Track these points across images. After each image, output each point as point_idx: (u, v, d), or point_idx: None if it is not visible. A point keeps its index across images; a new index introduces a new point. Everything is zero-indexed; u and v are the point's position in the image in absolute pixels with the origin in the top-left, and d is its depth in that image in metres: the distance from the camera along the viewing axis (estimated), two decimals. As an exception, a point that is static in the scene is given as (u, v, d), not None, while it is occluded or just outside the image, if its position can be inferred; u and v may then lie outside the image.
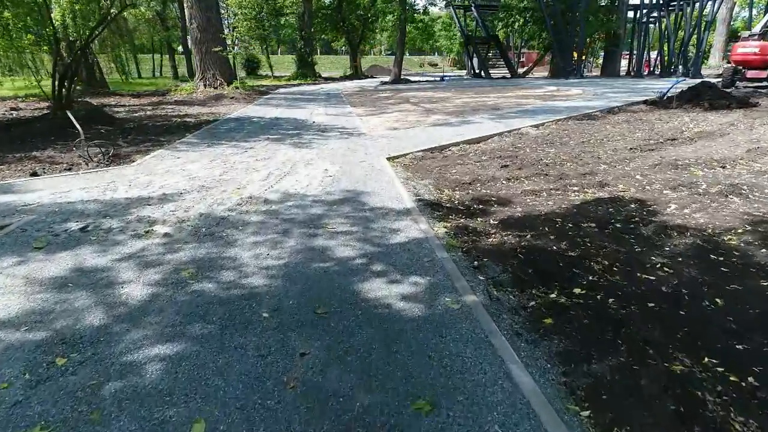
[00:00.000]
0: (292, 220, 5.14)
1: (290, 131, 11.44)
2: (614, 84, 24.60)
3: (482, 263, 4.15)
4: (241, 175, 7.12)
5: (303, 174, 7.15)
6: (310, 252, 4.30)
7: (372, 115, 14.84)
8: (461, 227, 5.07)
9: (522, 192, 6.37)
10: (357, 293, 3.54)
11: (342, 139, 10.26)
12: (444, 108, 16.46)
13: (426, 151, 9.17)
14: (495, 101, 18.24)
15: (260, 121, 13.21)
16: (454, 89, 24.65)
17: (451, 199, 6.16)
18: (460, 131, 11.11)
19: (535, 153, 8.73)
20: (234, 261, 4.11)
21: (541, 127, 11.87)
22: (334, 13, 37.36)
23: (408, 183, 6.82)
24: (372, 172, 7.32)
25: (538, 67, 36.35)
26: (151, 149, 9.22)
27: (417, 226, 4.98)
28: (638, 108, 14.88)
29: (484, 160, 8.17)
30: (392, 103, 18.48)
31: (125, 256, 4.19)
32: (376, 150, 9.05)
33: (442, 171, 7.57)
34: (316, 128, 11.93)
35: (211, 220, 5.11)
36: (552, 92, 21.44)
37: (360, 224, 5.04)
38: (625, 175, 7.08)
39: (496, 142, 10.13)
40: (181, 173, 7.19)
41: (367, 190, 6.34)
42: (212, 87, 21.91)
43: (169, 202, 5.73)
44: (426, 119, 13.72)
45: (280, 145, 9.61)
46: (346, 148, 9.19)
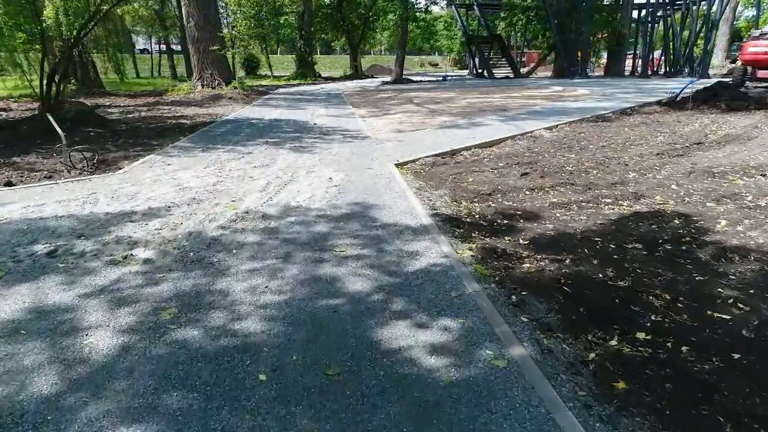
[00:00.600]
0: (294, 241, 4.44)
1: (290, 134, 10.73)
2: (621, 84, 23.90)
3: (521, 298, 3.45)
4: (237, 184, 6.41)
5: (305, 183, 6.44)
6: (316, 284, 3.60)
7: (375, 117, 14.14)
8: (489, 249, 4.37)
9: (549, 204, 5.67)
10: (376, 344, 2.84)
11: (345, 143, 9.55)
12: (449, 109, 15.75)
13: (436, 156, 8.47)
14: (501, 102, 17.54)
15: (259, 123, 12.49)
16: (457, 89, 23.93)
17: (471, 213, 5.46)
18: (469, 134, 10.41)
19: (554, 159, 8.03)
20: (225, 296, 3.40)
21: (555, 130, 11.17)
22: (334, 12, 36.59)
23: (421, 194, 6.12)
24: (380, 180, 6.62)
25: (541, 67, 35.64)
26: (141, 154, 8.50)
27: (438, 248, 4.28)
28: (652, 109, 14.19)
29: (501, 167, 7.47)
30: (395, 104, 17.77)
31: (96, 290, 3.48)
32: (383, 155, 8.35)
33: (457, 179, 6.87)
34: (318, 131, 11.22)
35: (200, 241, 4.40)
36: (558, 92, 20.74)
37: (372, 246, 4.33)
38: (659, 185, 6.38)
39: (510, 146, 9.43)
40: (171, 183, 6.47)
41: (376, 202, 5.63)
42: (210, 87, 21.17)
43: (155, 218, 5.02)
44: (432, 121, 13.02)
45: (280, 149, 8.90)
46: (351, 153, 8.48)
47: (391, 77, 30.17)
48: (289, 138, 10.16)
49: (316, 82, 32.38)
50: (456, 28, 48.49)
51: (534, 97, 19.30)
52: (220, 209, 5.33)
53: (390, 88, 25.74)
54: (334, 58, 54.92)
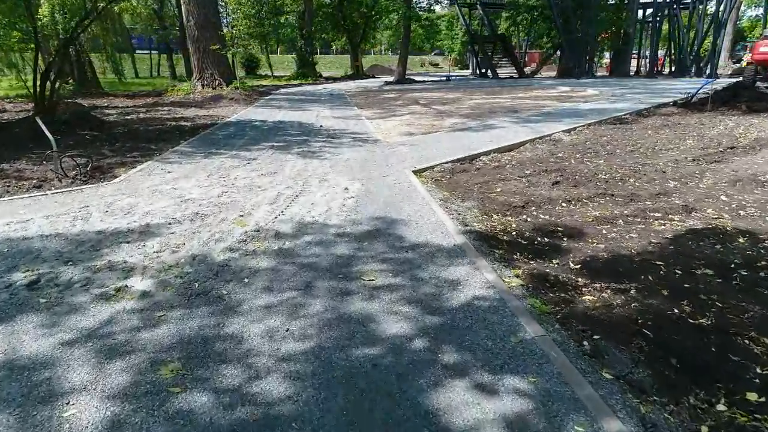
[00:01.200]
0: (313, 267, 3.83)
1: (297, 137, 10.11)
2: (629, 84, 23.32)
3: (595, 345, 2.85)
4: (244, 196, 5.78)
5: (319, 194, 5.82)
6: (346, 325, 2.99)
7: (382, 118, 13.52)
8: (538, 276, 3.76)
9: (592, 219, 5.07)
10: (434, 416, 2.23)
11: (356, 148, 8.93)
12: (458, 110, 15.15)
13: (455, 162, 7.86)
14: (510, 102, 16.94)
15: (263, 126, 11.86)
16: (462, 89, 23.33)
17: (506, 230, 4.85)
18: (485, 137, 9.81)
19: (583, 165, 7.44)
20: (239, 344, 2.79)
21: (574, 133, 10.58)
22: (335, 12, 35.90)
23: (447, 206, 5.50)
24: (400, 190, 6.01)
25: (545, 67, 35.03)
26: (139, 160, 7.87)
27: (480, 274, 3.67)
28: (669, 110, 13.60)
29: (528, 175, 6.86)
30: (401, 105, 17.15)
31: (82, 336, 2.86)
32: (398, 161, 7.74)
33: (483, 189, 6.26)
34: (325, 134, 10.60)
35: (206, 268, 3.78)
36: (567, 93, 20.15)
37: (404, 273, 3.72)
38: (706, 196, 5.79)
39: (530, 151, 8.83)
40: (171, 194, 5.85)
41: (400, 216, 5.02)
42: (210, 87, 20.51)
43: (154, 237, 4.39)
44: (442, 123, 12.41)
45: (288, 154, 8.28)
46: (363, 159, 7.86)
47: (394, 77, 29.54)
48: (296, 142, 9.53)
49: (318, 83, 31.73)
50: (457, 28, 47.91)
51: (542, 97, 18.71)
52: (227, 226, 4.71)
53: (393, 88, 25.12)
54: (334, 58, 54.22)
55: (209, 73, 20.76)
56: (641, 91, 19.67)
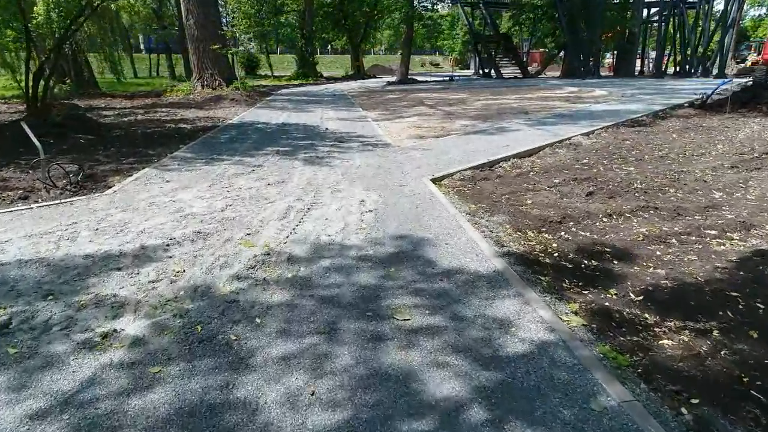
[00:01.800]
0: (335, 301, 3.24)
1: (302, 141, 9.51)
2: (637, 84, 22.77)
3: (699, 416, 2.27)
4: (250, 209, 5.19)
5: (333, 207, 5.24)
6: (384, 387, 2.40)
7: (389, 120, 12.94)
8: (599, 313, 3.19)
9: (641, 238, 4.49)
10: None
11: (366, 152, 8.35)
12: (466, 111, 14.58)
13: (474, 169, 7.28)
14: (518, 103, 16.37)
15: (266, 128, 11.26)
16: (467, 90, 22.75)
17: (547, 250, 4.27)
18: (501, 141, 9.23)
19: (613, 172, 6.86)
20: (253, 416, 2.20)
21: (593, 136, 10.01)
22: (335, 11, 35.25)
23: (476, 221, 4.93)
24: (421, 203, 5.43)
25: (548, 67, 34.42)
26: (136, 167, 7.26)
27: (533, 311, 3.10)
28: (686, 112, 13.06)
29: (558, 185, 6.28)
30: (406, 106, 16.57)
31: (57, 404, 2.27)
32: (413, 167, 7.15)
33: (511, 200, 5.68)
34: (332, 137, 10.01)
35: (210, 303, 3.19)
36: (575, 93, 19.59)
37: (443, 308, 3.15)
38: (759, 209, 5.22)
39: (551, 156, 8.26)
40: (169, 207, 5.25)
41: (426, 235, 4.44)
42: (210, 87, 19.88)
43: (149, 263, 3.80)
44: (451, 125, 11.84)
45: (294, 161, 7.69)
46: (376, 166, 7.28)
47: (396, 77, 28.95)
48: (302, 146, 8.94)
49: (318, 83, 31.12)
50: (458, 28, 47.30)
51: (551, 98, 18.14)
52: (233, 248, 4.12)
53: (396, 88, 24.53)
54: (334, 58, 53.58)
55: (209, 73, 20.13)
56: (651, 91, 19.12)
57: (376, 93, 22.27)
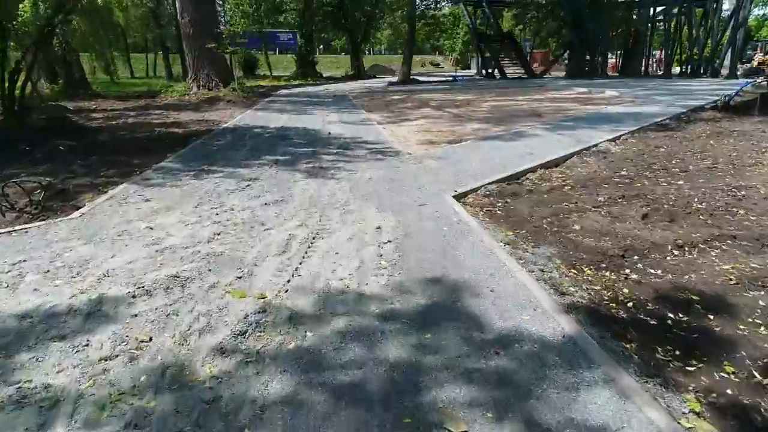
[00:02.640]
0: (358, 395, 2.28)
1: (304, 149, 8.53)
2: (647, 85, 21.81)
3: None
4: (243, 239, 4.21)
5: (343, 236, 4.26)
6: None
7: (395, 124, 11.97)
8: (728, 410, 2.23)
9: (732, 280, 3.54)
10: None
11: (376, 162, 7.38)
12: (475, 113, 13.62)
13: (500, 182, 6.32)
14: (528, 105, 15.41)
15: (264, 133, 10.27)
16: (472, 90, 21.77)
17: (617, 297, 3.32)
18: (521, 148, 8.27)
19: (660, 187, 5.91)
20: None
21: (620, 142, 9.07)
22: (335, 10, 34.18)
23: (520, 255, 3.97)
24: (449, 228, 4.46)
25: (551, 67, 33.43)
26: (114, 181, 6.28)
27: (637, 410, 2.16)
28: (712, 115, 12.12)
29: (603, 203, 5.32)
30: (411, 108, 15.60)
31: None
32: (431, 180, 6.19)
33: (555, 224, 4.72)
34: (336, 143, 9.03)
35: (182, 400, 2.22)
36: (585, 94, 18.63)
37: (511, 409, 2.18)
38: None
39: (582, 166, 7.32)
40: (145, 238, 4.27)
41: (463, 276, 3.48)
42: (206, 88, 18.83)
43: (105, 327, 2.83)
44: (462, 129, 10.88)
45: (296, 172, 6.71)
46: (389, 179, 6.31)
47: (398, 78, 27.93)
48: (304, 155, 7.96)
49: (318, 83, 30.09)
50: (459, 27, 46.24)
51: (561, 99, 17.19)
52: (219, 299, 3.15)
53: (398, 89, 23.52)
54: (334, 58, 52.43)
55: (205, 73, 19.09)
56: (664, 92, 18.17)
57: (378, 94, 21.28)
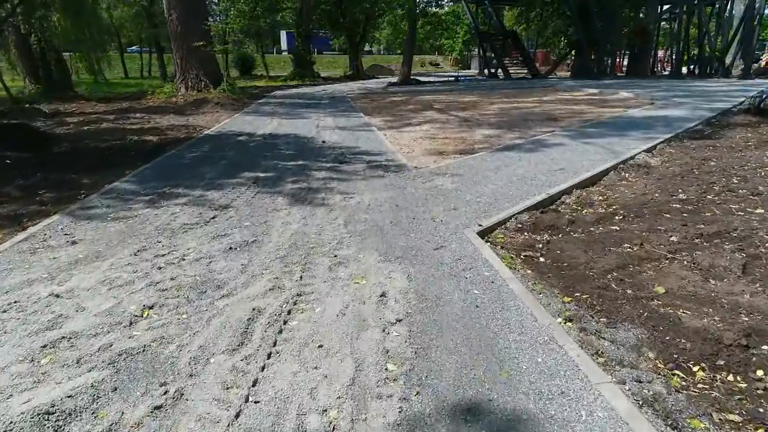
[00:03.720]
0: None
1: (291, 162, 7.15)
2: (660, 86, 20.44)
3: None
4: (183, 319, 2.83)
5: (332, 311, 2.89)
6: None
7: (396, 129, 10.61)
8: None
9: None
10: None
11: (376, 180, 6.01)
12: (484, 117, 12.25)
13: (532, 209, 4.96)
14: (540, 108, 14.04)
15: (248, 142, 8.88)
16: (476, 92, 20.38)
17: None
18: (547, 162, 6.91)
19: (738, 218, 4.54)
20: None
21: (657, 153, 7.73)
22: (333, 9, 32.69)
23: (594, 343, 2.60)
24: (481, 291, 3.10)
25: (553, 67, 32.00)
26: (46, 210, 4.89)
27: None
28: (745, 119, 10.77)
29: (681, 247, 3.94)
30: (413, 110, 14.22)
31: None
32: (445, 207, 4.83)
33: (626, 284, 3.35)
34: (330, 154, 7.65)
35: None
36: (598, 96, 17.25)
37: None
38: None
39: (623, 184, 5.99)
40: (39, 317, 2.88)
41: (517, 402, 2.12)
42: (195, 90, 17.42)
43: None
44: (472, 135, 9.53)
45: (277, 196, 5.33)
46: (394, 206, 4.94)
47: (398, 78, 26.51)
48: (290, 170, 6.58)
49: (316, 83, 28.66)
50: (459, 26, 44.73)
51: (573, 101, 15.81)
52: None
53: (399, 90, 22.11)
54: (333, 58, 50.91)
55: (194, 73, 17.66)
56: (682, 93, 16.81)
57: (377, 95, 19.88)
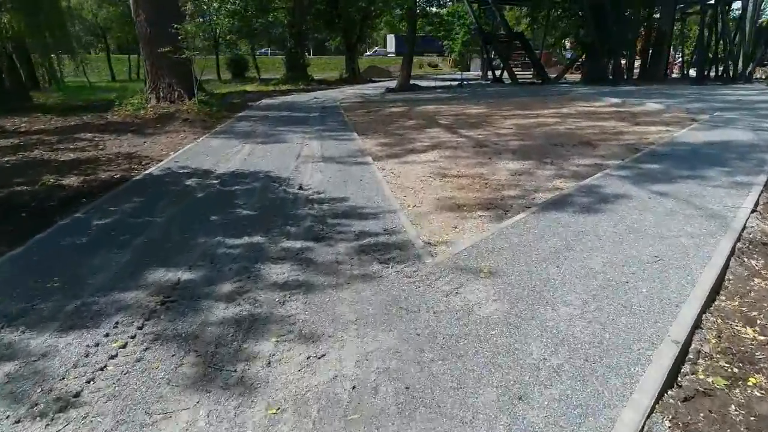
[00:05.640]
0: None
1: (241, 241, 4.63)
2: (687, 94, 17.95)
3: None
4: None
5: None
6: None
7: (398, 159, 8.17)
8: None
9: None
10: None
11: (369, 290, 3.53)
12: (502, 140, 9.78)
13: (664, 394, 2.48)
14: (564, 125, 11.55)
15: (197, 190, 6.37)
16: (483, 101, 17.86)
17: None
18: (624, 236, 4.46)
19: None
20: None
21: (764, 211, 5.27)
22: (328, 8, 30.02)
23: None
24: None
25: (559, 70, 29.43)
26: None
27: None
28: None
29: None
30: (416, 127, 11.73)
31: None
32: (500, 386, 2.34)
33: None
34: (304, 218, 5.16)
35: None
36: (622, 108, 14.75)
37: None
38: None
39: (763, 289, 3.51)
40: None
41: None
42: (168, 100, 14.87)
43: None
44: (495, 172, 7.11)
45: (182, 357, 2.83)
46: (402, 387, 2.45)
47: (396, 83, 23.95)
48: (235, 264, 4.07)
49: (309, 87, 26.10)
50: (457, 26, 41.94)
51: (596, 114, 13.31)
52: None
53: (398, 97, 19.56)
54: (328, 59, 48.18)
55: (167, 82, 15.10)
56: (722, 106, 14.32)
57: (374, 104, 17.35)
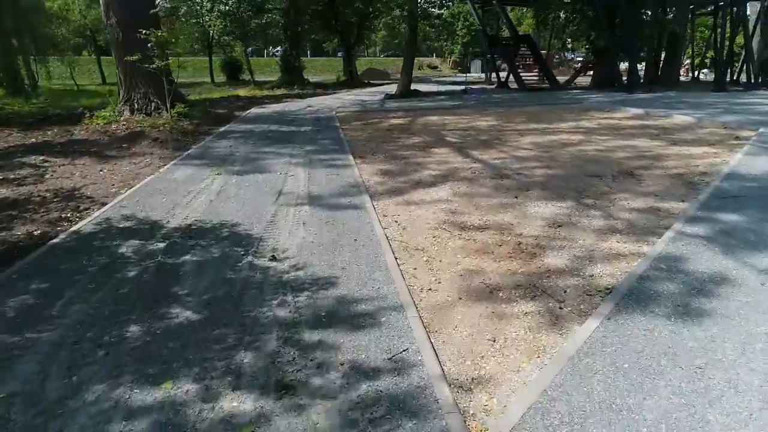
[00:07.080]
0: None
1: (162, 392, 2.86)
2: (712, 102, 16.19)
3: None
4: None
5: None
6: None
7: (401, 197, 6.45)
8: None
9: None
10: None
11: None
12: (524, 166, 8.05)
13: None
14: (592, 145, 9.81)
15: (127, 266, 4.57)
16: (491, 110, 16.08)
17: None
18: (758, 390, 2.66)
19: None
20: None
21: None
22: (325, 9, 28.17)
23: None
24: None
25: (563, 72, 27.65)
26: None
27: None
28: None
29: None
30: (420, 146, 10.01)
31: None
32: None
33: None
34: (270, 320, 3.39)
35: None
36: (648, 121, 12.99)
37: None
38: None
39: None
40: None
41: None
42: (144, 113, 13.05)
43: None
44: (526, 220, 5.38)
45: None
46: None
47: (397, 89, 22.12)
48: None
49: (304, 92, 24.32)
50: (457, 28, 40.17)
51: (622, 130, 11.54)
52: None
53: (399, 106, 17.75)
54: (325, 60, 46.30)
55: (142, 92, 13.28)
56: (760, 117, 12.57)
57: (373, 114, 15.57)
